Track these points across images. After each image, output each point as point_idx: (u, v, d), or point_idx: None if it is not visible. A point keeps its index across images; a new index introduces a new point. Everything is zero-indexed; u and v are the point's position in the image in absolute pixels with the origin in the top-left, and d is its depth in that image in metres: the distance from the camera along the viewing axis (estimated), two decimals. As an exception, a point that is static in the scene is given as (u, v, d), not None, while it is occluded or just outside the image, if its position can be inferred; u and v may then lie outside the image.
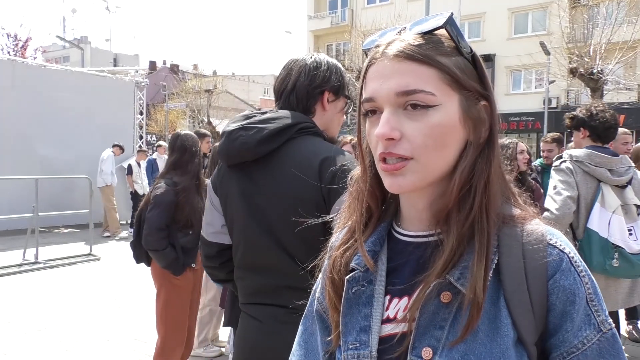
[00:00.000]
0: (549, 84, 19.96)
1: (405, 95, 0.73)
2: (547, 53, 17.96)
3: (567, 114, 3.21)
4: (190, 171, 3.28)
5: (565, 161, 2.98)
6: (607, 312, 0.74)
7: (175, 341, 3.26)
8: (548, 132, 16.46)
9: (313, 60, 1.58)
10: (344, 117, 1.70)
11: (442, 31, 0.76)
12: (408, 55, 0.74)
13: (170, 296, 3.25)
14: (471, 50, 0.78)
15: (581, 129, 3.05)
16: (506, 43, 24.76)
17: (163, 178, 3.29)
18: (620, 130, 5.32)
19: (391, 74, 0.74)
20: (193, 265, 3.29)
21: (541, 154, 5.43)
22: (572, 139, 3.25)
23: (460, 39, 0.76)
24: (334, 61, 1.63)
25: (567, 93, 23.64)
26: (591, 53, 14.44)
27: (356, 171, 0.88)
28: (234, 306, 1.88)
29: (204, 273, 4.45)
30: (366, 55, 0.81)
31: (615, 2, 15.89)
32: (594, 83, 13.98)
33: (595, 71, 13.88)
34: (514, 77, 25.35)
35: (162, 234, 3.15)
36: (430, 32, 0.76)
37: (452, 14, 0.76)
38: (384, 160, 0.75)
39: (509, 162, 4.02)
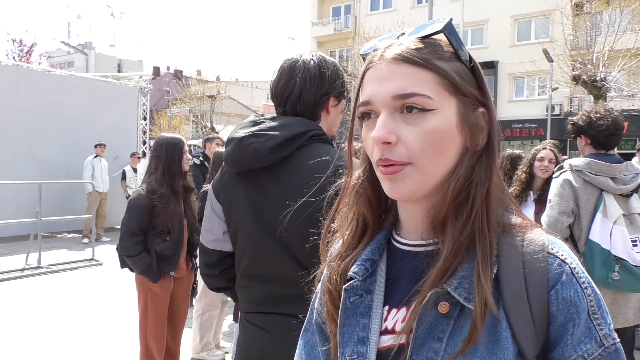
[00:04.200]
0: (552, 91, 19.93)
1: (402, 98, 0.71)
2: (550, 60, 17.95)
3: (569, 118, 3.08)
4: (167, 176, 3.18)
5: (565, 171, 2.84)
6: (611, 327, 0.71)
7: (155, 349, 3.23)
8: (551, 139, 16.47)
9: (315, 64, 1.54)
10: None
11: (442, 37, 0.75)
12: (406, 59, 0.73)
13: (148, 303, 3.21)
14: (470, 57, 0.77)
15: (582, 136, 2.92)
16: (509, 50, 24.76)
17: (144, 183, 3.26)
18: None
19: (388, 76, 0.73)
20: (172, 272, 3.23)
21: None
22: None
23: (459, 45, 0.75)
24: (335, 62, 1.60)
25: (570, 100, 23.61)
26: (594, 60, 14.43)
27: (348, 179, 0.86)
28: None
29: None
30: (364, 60, 0.80)
31: (618, 9, 15.91)
32: (597, 90, 13.96)
33: (598, 78, 13.86)
34: (517, 84, 25.33)
35: (135, 240, 3.10)
36: (429, 36, 0.75)
37: (451, 19, 0.75)
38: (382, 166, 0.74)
39: (525, 170, 3.80)
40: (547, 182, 3.66)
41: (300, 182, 1.43)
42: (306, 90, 1.52)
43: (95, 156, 10.29)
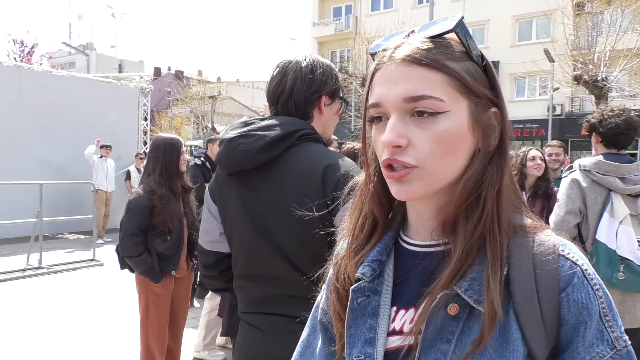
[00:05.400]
0: (553, 91, 19.93)
1: (413, 101, 0.70)
2: (551, 60, 17.95)
3: (587, 116, 3.11)
4: (165, 177, 3.18)
5: (573, 171, 2.87)
6: (622, 329, 0.71)
7: (156, 349, 3.22)
8: (552, 139, 16.50)
9: (307, 63, 1.54)
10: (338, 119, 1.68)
11: (452, 35, 0.73)
12: (416, 60, 0.71)
13: (149, 304, 3.20)
14: (482, 55, 0.75)
15: (594, 133, 2.94)
16: (510, 50, 24.76)
17: (142, 183, 3.25)
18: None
19: (399, 78, 0.71)
20: (173, 272, 3.23)
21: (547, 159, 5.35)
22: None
23: (471, 44, 0.74)
24: (328, 62, 1.60)
25: (572, 100, 23.61)
26: (595, 60, 14.43)
27: (360, 178, 0.85)
28: (232, 315, 1.86)
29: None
30: (373, 59, 0.78)
31: (619, 9, 15.90)
32: (598, 90, 13.95)
33: (599, 78, 13.85)
34: (518, 84, 25.33)
35: (136, 240, 3.10)
36: (440, 35, 0.73)
37: (462, 17, 0.73)
38: (389, 167, 0.72)
39: (516, 173, 3.93)
40: (540, 178, 3.94)
41: (290, 181, 1.43)
42: (297, 88, 1.51)
43: (100, 157, 10.34)
